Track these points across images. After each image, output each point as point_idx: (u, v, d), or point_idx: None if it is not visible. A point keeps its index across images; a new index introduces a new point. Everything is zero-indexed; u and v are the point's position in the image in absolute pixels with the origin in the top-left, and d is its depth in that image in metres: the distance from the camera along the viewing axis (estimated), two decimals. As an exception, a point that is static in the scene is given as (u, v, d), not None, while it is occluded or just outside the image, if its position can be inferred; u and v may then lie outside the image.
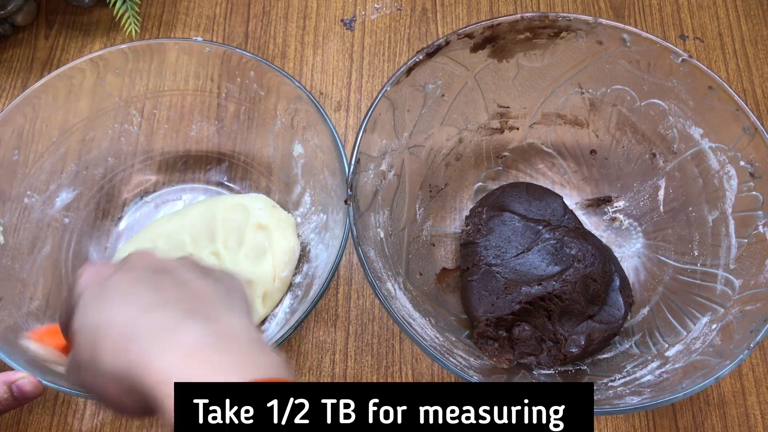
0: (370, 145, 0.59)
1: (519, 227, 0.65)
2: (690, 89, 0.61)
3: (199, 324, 0.38)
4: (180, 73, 0.69)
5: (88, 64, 0.65)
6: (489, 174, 0.72)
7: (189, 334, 0.37)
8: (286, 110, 0.67)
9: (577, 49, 0.64)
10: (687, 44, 0.82)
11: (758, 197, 0.58)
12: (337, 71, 0.80)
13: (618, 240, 0.69)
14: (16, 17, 0.79)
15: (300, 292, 0.65)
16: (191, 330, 0.37)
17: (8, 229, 0.63)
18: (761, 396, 0.65)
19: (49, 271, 0.65)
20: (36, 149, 0.65)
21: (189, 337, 0.37)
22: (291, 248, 0.66)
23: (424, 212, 0.69)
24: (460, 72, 0.64)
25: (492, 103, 0.68)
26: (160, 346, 0.36)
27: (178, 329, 0.37)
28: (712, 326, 0.57)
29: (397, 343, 0.67)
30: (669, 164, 0.66)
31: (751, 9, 0.85)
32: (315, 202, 0.68)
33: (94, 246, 0.69)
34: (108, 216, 0.71)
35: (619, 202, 0.70)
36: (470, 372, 0.55)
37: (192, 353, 0.36)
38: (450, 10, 0.84)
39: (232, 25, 0.83)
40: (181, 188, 0.73)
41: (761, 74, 0.81)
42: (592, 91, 0.67)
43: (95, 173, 0.70)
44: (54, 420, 0.64)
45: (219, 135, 0.72)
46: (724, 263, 0.59)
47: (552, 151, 0.72)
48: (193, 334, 0.37)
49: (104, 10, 0.82)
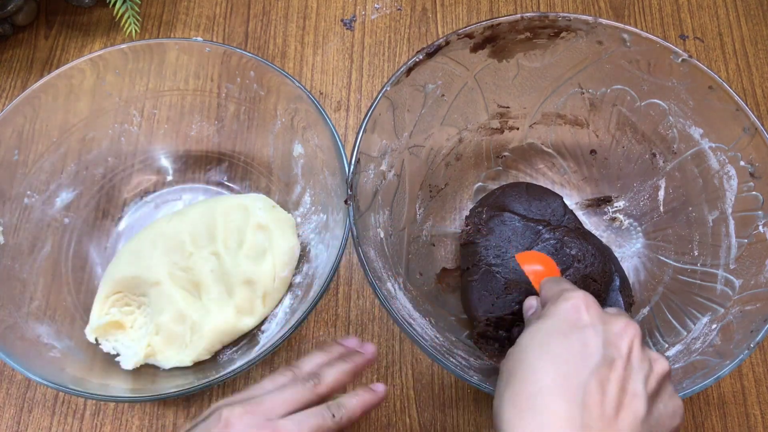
0: (370, 145, 0.59)
1: (519, 227, 0.65)
2: (690, 89, 0.61)
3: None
4: (180, 73, 0.69)
5: (88, 64, 0.65)
6: (489, 174, 0.72)
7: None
8: (286, 110, 0.67)
9: (577, 49, 0.64)
10: (687, 44, 0.83)
11: (758, 197, 0.58)
12: (337, 71, 0.80)
13: (618, 240, 0.69)
14: (16, 17, 0.79)
15: (300, 292, 0.65)
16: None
17: (8, 229, 0.63)
18: (761, 396, 0.65)
19: (49, 271, 0.65)
20: (36, 149, 0.65)
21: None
22: (291, 248, 0.66)
23: (424, 212, 0.68)
24: (460, 72, 0.64)
25: (492, 103, 0.68)
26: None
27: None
28: (712, 326, 0.57)
29: (397, 343, 0.67)
30: (669, 164, 0.66)
31: (751, 9, 0.85)
32: (315, 202, 0.68)
33: (94, 246, 0.69)
34: (108, 216, 0.71)
35: (619, 202, 0.70)
36: (470, 372, 0.55)
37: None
38: (450, 10, 0.84)
39: (232, 25, 0.83)
40: (181, 188, 0.73)
41: (761, 74, 0.81)
42: (592, 91, 0.67)
43: (95, 173, 0.70)
44: (54, 420, 0.64)
45: (219, 135, 0.72)
46: (724, 263, 0.59)
47: (552, 151, 0.72)
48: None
49: (104, 10, 0.82)
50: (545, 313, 0.45)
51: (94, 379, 0.60)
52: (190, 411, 0.64)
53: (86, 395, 0.56)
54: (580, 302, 0.44)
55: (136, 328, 0.64)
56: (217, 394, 0.65)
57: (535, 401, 0.38)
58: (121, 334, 0.64)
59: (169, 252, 0.65)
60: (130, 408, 0.64)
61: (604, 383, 0.39)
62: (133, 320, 0.64)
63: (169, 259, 0.64)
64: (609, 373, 0.39)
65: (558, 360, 0.40)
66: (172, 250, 0.65)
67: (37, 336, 0.61)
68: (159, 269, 0.64)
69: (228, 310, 0.64)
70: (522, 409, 0.38)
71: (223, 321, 0.63)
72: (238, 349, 0.64)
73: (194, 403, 0.64)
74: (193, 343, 0.62)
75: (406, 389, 0.65)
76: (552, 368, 0.40)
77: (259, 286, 0.64)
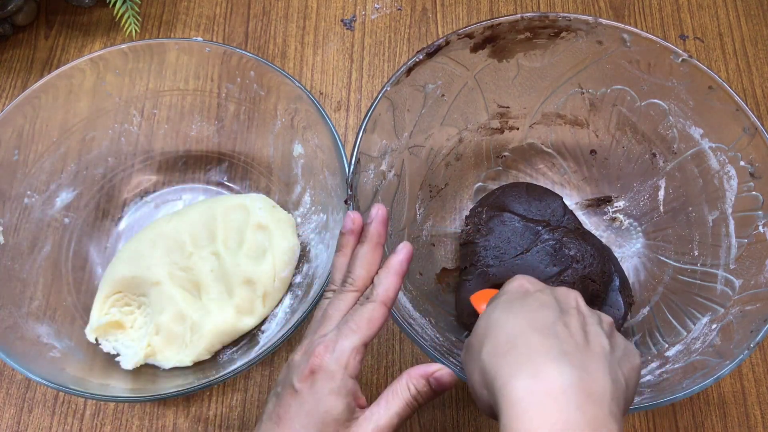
0: (370, 145, 0.59)
1: (519, 228, 0.65)
2: (690, 89, 0.61)
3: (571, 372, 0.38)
4: (180, 73, 0.69)
5: (88, 64, 0.65)
6: (489, 174, 0.72)
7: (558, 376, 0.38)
8: (286, 110, 0.67)
9: (577, 49, 0.63)
10: (687, 44, 0.83)
11: (758, 197, 0.58)
12: (337, 71, 0.80)
13: (618, 240, 0.69)
14: (16, 17, 0.79)
15: (300, 292, 0.65)
16: (562, 373, 0.38)
17: (8, 229, 0.63)
18: (761, 396, 0.65)
19: (49, 271, 0.65)
20: (36, 149, 0.65)
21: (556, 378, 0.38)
22: (291, 248, 0.66)
23: (424, 212, 0.68)
24: (461, 72, 0.64)
25: (492, 103, 0.68)
26: (529, 370, 0.39)
27: (549, 364, 0.39)
28: (712, 326, 0.57)
29: (397, 343, 0.67)
30: (669, 164, 0.66)
31: (751, 9, 0.85)
32: (315, 202, 0.68)
33: (94, 246, 0.69)
34: (108, 216, 0.71)
35: (619, 202, 0.70)
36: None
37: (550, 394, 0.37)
38: (450, 10, 0.84)
39: (232, 25, 0.83)
40: (181, 188, 0.73)
41: (761, 74, 0.81)
42: (592, 91, 0.67)
43: (95, 173, 0.70)
44: (54, 420, 0.64)
45: (219, 135, 0.72)
46: (724, 263, 0.59)
47: (552, 151, 0.72)
48: (560, 378, 0.38)
49: (104, 10, 0.82)
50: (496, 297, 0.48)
51: (94, 379, 0.60)
52: (190, 411, 0.64)
53: (86, 395, 0.56)
54: (522, 280, 0.48)
55: (136, 328, 0.64)
56: (217, 394, 0.65)
57: (514, 341, 0.41)
58: (121, 334, 0.64)
59: (169, 252, 0.65)
60: (130, 408, 0.64)
61: (568, 324, 0.42)
62: (133, 320, 0.64)
63: (169, 259, 0.64)
64: (568, 318, 0.43)
65: (523, 312, 0.44)
66: (172, 250, 0.65)
67: (37, 336, 0.61)
68: (159, 269, 0.64)
69: (228, 310, 0.64)
70: (505, 352, 0.41)
71: (223, 321, 0.63)
72: (238, 349, 0.64)
73: (194, 403, 0.64)
74: (193, 343, 0.62)
75: (406, 389, 0.65)
76: (520, 318, 0.43)
77: (259, 286, 0.64)
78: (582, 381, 0.38)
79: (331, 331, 0.46)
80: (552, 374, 0.38)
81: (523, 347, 0.40)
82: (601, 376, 0.39)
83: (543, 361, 0.39)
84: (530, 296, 0.46)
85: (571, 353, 0.40)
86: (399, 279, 0.48)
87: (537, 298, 0.45)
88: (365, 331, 0.46)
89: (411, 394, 0.45)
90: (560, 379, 0.38)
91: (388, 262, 0.49)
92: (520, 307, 0.44)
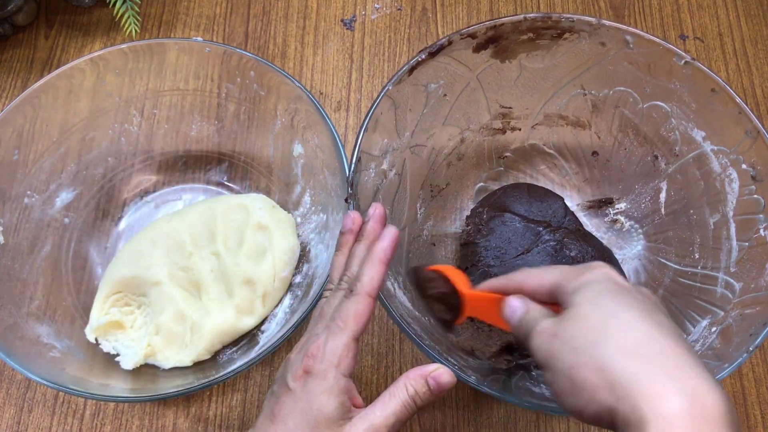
0: (372, 144, 0.59)
1: (519, 228, 0.65)
2: (692, 92, 0.61)
3: (721, 396, 0.36)
4: (180, 73, 0.69)
5: (88, 64, 0.65)
6: (490, 174, 0.72)
7: (713, 400, 0.35)
8: (286, 110, 0.67)
9: (579, 50, 0.63)
10: (687, 44, 0.82)
11: (760, 200, 0.58)
12: (337, 71, 0.80)
13: (619, 242, 0.69)
14: (16, 17, 0.79)
15: (300, 292, 0.65)
16: (715, 397, 0.35)
17: (8, 229, 0.63)
18: (761, 396, 0.66)
19: (49, 271, 0.65)
20: (36, 149, 0.65)
21: (712, 403, 0.35)
22: (291, 248, 0.66)
23: (424, 212, 0.68)
24: (463, 72, 0.64)
25: (494, 103, 0.68)
26: (683, 386, 0.35)
27: (703, 384, 0.36)
28: (711, 329, 0.57)
29: (397, 343, 0.67)
30: (671, 166, 0.66)
31: (751, 9, 0.85)
32: (315, 202, 0.68)
33: (94, 246, 0.69)
34: (108, 216, 0.71)
35: (621, 204, 0.70)
36: (469, 372, 0.55)
37: (707, 419, 0.35)
38: (450, 10, 0.84)
39: (232, 25, 0.83)
40: (181, 188, 0.73)
41: (761, 74, 0.81)
42: (594, 92, 0.66)
43: (95, 173, 0.70)
44: (54, 420, 0.64)
45: (219, 135, 0.72)
46: (725, 266, 0.59)
47: (554, 153, 0.72)
48: (715, 404, 0.35)
49: (104, 10, 0.82)
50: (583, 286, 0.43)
51: (94, 379, 0.60)
52: (190, 411, 0.64)
53: (86, 395, 0.56)
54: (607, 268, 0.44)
55: (136, 328, 0.64)
56: (217, 394, 0.65)
57: (654, 346, 0.38)
58: (121, 334, 0.64)
59: (169, 252, 0.65)
60: (130, 408, 0.64)
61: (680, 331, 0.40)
62: (133, 320, 0.64)
63: (169, 259, 0.64)
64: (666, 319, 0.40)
65: (644, 311, 0.40)
66: (172, 250, 0.65)
67: (37, 336, 0.61)
68: (159, 269, 0.64)
69: (228, 310, 0.64)
70: (644, 355, 0.37)
71: (223, 321, 0.63)
72: (238, 349, 0.64)
73: (194, 403, 0.64)
74: (192, 343, 0.62)
75: (407, 390, 0.65)
76: (646, 317, 0.39)
77: (259, 286, 0.64)
78: (728, 403, 0.36)
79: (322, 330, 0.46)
80: (708, 397, 0.35)
81: (668, 355, 0.37)
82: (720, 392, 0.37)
83: (694, 377, 0.36)
84: (632, 291, 0.42)
85: (704, 366, 0.37)
86: (383, 267, 0.47)
87: (642, 293, 0.42)
88: (353, 326, 0.45)
89: (409, 394, 0.44)
90: (716, 405, 0.35)
91: (372, 250, 0.48)
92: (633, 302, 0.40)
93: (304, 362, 0.45)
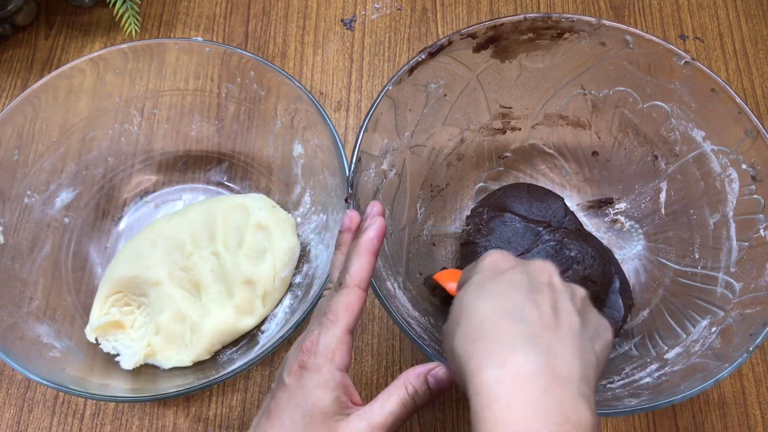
0: (372, 144, 0.59)
1: (519, 228, 0.65)
2: (692, 92, 0.61)
3: (537, 357, 0.38)
4: (180, 73, 0.69)
5: (88, 64, 0.65)
6: (490, 174, 0.72)
7: (524, 363, 0.38)
8: (286, 110, 0.67)
9: (579, 50, 0.63)
10: (687, 44, 0.82)
11: (760, 200, 0.58)
12: (337, 71, 0.80)
13: (619, 242, 0.69)
14: (16, 17, 0.79)
15: (300, 292, 0.65)
16: (528, 359, 0.38)
17: (8, 229, 0.63)
18: (761, 396, 0.66)
19: (49, 271, 0.65)
20: (36, 149, 0.65)
21: (522, 365, 0.38)
22: (291, 248, 0.66)
23: (424, 212, 0.68)
24: (463, 72, 0.64)
25: (494, 103, 0.68)
26: (497, 359, 0.39)
27: (516, 351, 0.39)
28: (711, 329, 0.57)
29: (397, 343, 0.67)
30: (671, 167, 0.66)
31: (751, 9, 0.85)
32: (315, 202, 0.68)
33: (94, 246, 0.69)
34: (108, 216, 0.71)
35: (621, 204, 0.70)
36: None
37: (518, 381, 0.38)
38: (450, 10, 0.84)
39: (232, 25, 0.83)
40: (181, 188, 0.73)
41: (761, 74, 0.81)
42: (594, 92, 0.66)
43: (95, 173, 0.70)
44: (54, 420, 0.64)
45: (219, 135, 0.72)
46: (725, 266, 0.59)
47: (554, 153, 0.72)
48: (526, 365, 0.38)
49: (104, 10, 0.82)
50: (468, 275, 0.47)
51: (94, 379, 0.60)
52: (190, 411, 0.64)
53: (86, 395, 0.56)
54: (495, 256, 0.47)
55: (136, 328, 0.64)
56: (217, 394, 0.65)
57: (483, 328, 0.41)
58: (121, 334, 0.64)
59: (169, 252, 0.65)
60: (130, 408, 0.64)
61: (538, 303, 0.42)
62: (133, 320, 0.64)
63: (169, 259, 0.64)
64: (538, 296, 0.42)
65: (492, 296, 0.43)
66: (172, 250, 0.65)
67: (37, 336, 0.61)
68: (159, 269, 0.64)
69: (228, 310, 0.64)
70: (474, 339, 0.40)
71: (223, 321, 0.63)
72: (238, 349, 0.64)
73: (194, 403, 0.64)
74: (192, 343, 0.62)
75: (407, 390, 0.65)
76: (489, 303, 0.42)
77: (259, 286, 0.64)
78: (549, 364, 0.38)
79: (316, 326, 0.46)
80: (519, 361, 0.38)
81: (491, 335, 0.40)
82: (569, 356, 0.39)
83: (510, 348, 0.39)
84: (502, 275, 0.44)
85: (538, 335, 0.40)
86: (371, 257, 0.47)
87: (508, 278, 0.44)
88: (345, 318, 0.45)
89: (408, 392, 0.44)
90: (527, 366, 0.38)
91: (358, 241, 0.48)
92: (490, 289, 0.43)
93: (298, 357, 0.44)
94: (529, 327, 0.40)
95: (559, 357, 0.39)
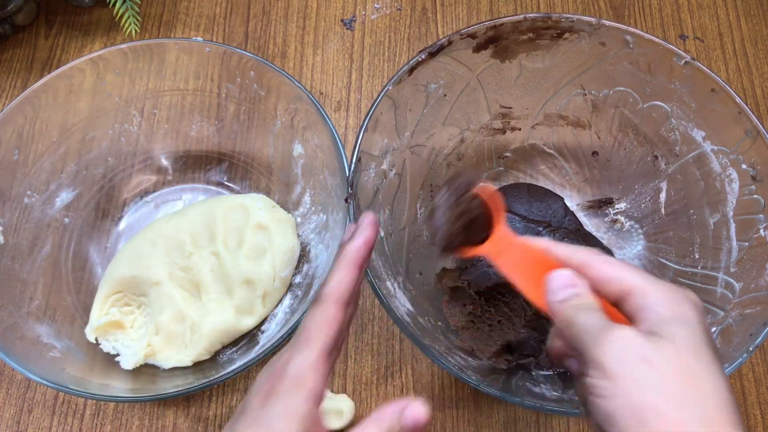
0: (372, 144, 0.59)
1: (519, 228, 0.65)
2: (692, 92, 0.61)
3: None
4: (180, 73, 0.69)
5: (88, 64, 0.65)
6: (490, 174, 0.72)
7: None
8: (286, 110, 0.67)
9: (579, 50, 0.63)
10: (687, 44, 0.82)
11: (760, 200, 0.58)
12: (337, 71, 0.80)
13: (619, 242, 0.69)
14: (16, 17, 0.79)
15: (300, 292, 0.65)
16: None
17: (8, 229, 0.63)
18: (761, 396, 0.66)
19: (49, 271, 0.65)
20: (36, 149, 0.65)
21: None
22: (291, 248, 0.66)
23: (425, 212, 0.68)
24: (463, 72, 0.64)
25: (494, 103, 0.68)
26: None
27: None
28: (711, 329, 0.57)
29: (397, 343, 0.67)
30: (671, 167, 0.66)
31: (751, 9, 0.85)
32: (315, 202, 0.68)
33: (94, 246, 0.69)
34: (108, 216, 0.71)
35: (621, 204, 0.70)
36: (469, 372, 0.55)
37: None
38: (450, 10, 0.84)
39: (232, 25, 0.83)
40: (181, 188, 0.73)
41: (761, 74, 0.81)
42: (594, 92, 0.66)
43: (95, 173, 0.70)
44: (54, 420, 0.64)
45: (219, 135, 0.72)
46: (725, 266, 0.59)
47: (554, 153, 0.72)
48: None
49: (104, 10, 0.82)
50: (678, 318, 0.38)
51: (94, 379, 0.60)
52: (190, 411, 0.64)
53: (86, 395, 0.56)
54: (701, 308, 0.39)
55: (136, 328, 0.64)
56: (217, 394, 0.65)
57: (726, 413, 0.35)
58: (121, 334, 0.64)
59: (169, 252, 0.65)
60: (130, 408, 0.64)
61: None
62: (133, 320, 0.64)
63: (169, 259, 0.64)
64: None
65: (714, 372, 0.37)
66: (172, 250, 0.65)
67: (37, 336, 0.61)
68: (159, 269, 0.64)
69: (228, 310, 0.64)
70: (719, 423, 0.35)
71: (223, 321, 0.63)
72: (238, 349, 0.64)
73: (194, 403, 0.64)
74: (192, 343, 0.62)
75: (406, 389, 0.65)
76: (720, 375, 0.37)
77: (258, 286, 0.64)
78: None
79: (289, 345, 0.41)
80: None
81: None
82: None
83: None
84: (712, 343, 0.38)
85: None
86: (353, 270, 0.42)
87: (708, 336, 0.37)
88: (321, 338, 0.40)
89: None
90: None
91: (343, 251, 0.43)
92: (711, 361, 0.36)
93: (267, 380, 0.39)
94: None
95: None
